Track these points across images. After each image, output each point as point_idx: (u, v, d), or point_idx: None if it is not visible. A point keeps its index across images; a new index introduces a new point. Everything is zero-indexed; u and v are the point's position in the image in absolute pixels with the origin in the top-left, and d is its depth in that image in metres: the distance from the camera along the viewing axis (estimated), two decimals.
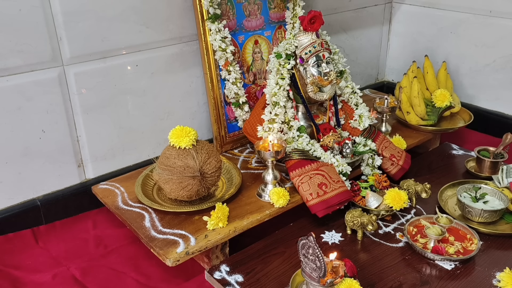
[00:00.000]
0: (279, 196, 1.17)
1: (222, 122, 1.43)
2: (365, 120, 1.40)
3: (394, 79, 2.10)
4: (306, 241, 0.88)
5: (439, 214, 1.15)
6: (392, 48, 2.08)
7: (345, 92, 1.43)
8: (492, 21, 1.72)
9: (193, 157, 1.10)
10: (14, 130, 1.18)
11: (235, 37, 1.43)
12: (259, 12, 1.47)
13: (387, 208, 1.22)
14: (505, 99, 1.76)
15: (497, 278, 1.03)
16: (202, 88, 1.47)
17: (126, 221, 1.14)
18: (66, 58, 1.21)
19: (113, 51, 1.27)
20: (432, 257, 1.08)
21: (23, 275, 1.11)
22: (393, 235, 1.17)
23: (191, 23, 1.38)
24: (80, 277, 1.10)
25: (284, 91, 1.28)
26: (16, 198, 1.24)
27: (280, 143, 1.21)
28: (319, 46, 1.27)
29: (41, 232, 1.25)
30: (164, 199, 1.20)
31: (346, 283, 0.92)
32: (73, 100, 1.25)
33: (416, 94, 1.62)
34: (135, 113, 1.37)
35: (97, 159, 1.33)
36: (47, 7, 1.14)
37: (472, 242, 1.12)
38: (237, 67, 1.41)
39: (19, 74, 1.15)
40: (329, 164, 1.25)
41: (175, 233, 1.08)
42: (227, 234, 1.09)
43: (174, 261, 1.01)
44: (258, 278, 1.03)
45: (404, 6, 1.99)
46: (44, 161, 1.25)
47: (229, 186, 1.25)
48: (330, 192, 1.18)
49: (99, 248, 1.21)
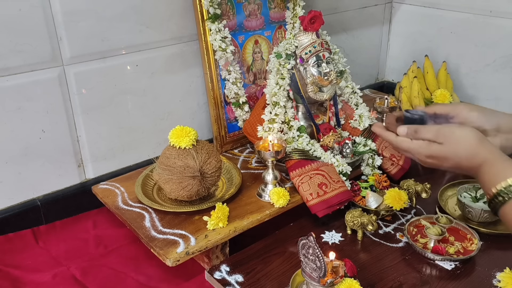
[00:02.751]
0: (279, 196, 1.17)
1: (222, 122, 1.43)
2: (365, 120, 1.40)
3: (394, 79, 2.10)
4: (306, 241, 0.88)
5: (439, 214, 1.15)
6: (392, 48, 2.09)
7: (345, 92, 1.43)
8: (492, 21, 1.72)
9: (193, 157, 1.10)
10: (14, 130, 1.18)
11: (235, 37, 1.43)
12: (259, 12, 1.47)
13: (387, 208, 1.22)
14: (505, 99, 1.76)
15: (497, 278, 1.03)
16: (202, 88, 1.47)
17: (126, 221, 1.14)
18: (66, 58, 1.21)
19: (113, 51, 1.27)
20: (432, 257, 1.08)
21: (23, 275, 1.10)
22: (393, 235, 1.17)
23: (191, 23, 1.38)
24: (80, 277, 1.10)
25: (284, 91, 1.28)
26: (16, 198, 1.24)
27: (280, 143, 1.21)
28: (319, 46, 1.27)
29: (41, 232, 1.25)
30: (164, 199, 1.20)
31: (346, 283, 0.92)
32: (73, 100, 1.25)
33: (416, 94, 1.62)
34: (135, 113, 1.37)
35: (97, 159, 1.33)
36: (47, 7, 1.14)
37: (472, 242, 1.12)
38: (237, 67, 1.41)
39: (19, 74, 1.15)
40: (329, 164, 1.25)
41: (175, 233, 1.08)
42: (227, 234, 1.09)
43: (174, 261, 1.01)
44: (258, 278, 1.03)
45: (404, 6, 1.99)
46: (44, 161, 1.25)
47: (229, 186, 1.25)
48: (330, 192, 1.18)
49: (99, 248, 1.21)
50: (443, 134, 0.83)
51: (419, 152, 0.87)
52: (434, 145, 0.85)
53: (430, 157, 0.87)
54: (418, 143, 0.87)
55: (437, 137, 0.84)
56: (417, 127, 0.88)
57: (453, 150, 0.82)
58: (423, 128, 0.87)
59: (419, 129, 0.87)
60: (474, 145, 0.80)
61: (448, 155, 0.83)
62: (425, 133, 0.86)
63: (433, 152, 0.85)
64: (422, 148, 0.86)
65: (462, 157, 0.81)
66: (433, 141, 0.85)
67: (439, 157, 0.85)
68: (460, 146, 0.81)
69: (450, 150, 0.83)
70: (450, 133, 0.83)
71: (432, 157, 0.86)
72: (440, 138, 0.84)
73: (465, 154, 0.81)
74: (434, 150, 0.85)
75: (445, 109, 0.91)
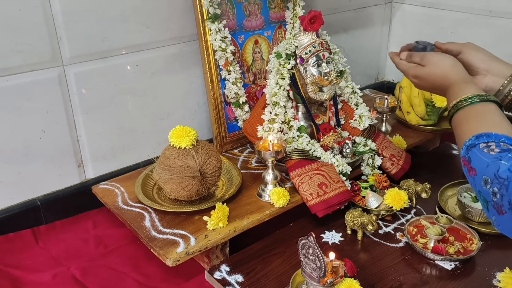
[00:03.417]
0: (279, 196, 1.17)
1: (222, 122, 1.43)
2: (365, 120, 1.40)
3: (394, 79, 2.10)
4: (306, 241, 0.88)
5: (439, 214, 1.15)
6: (392, 48, 2.08)
7: (345, 92, 1.43)
8: (492, 21, 1.72)
9: (193, 157, 1.10)
10: (14, 130, 1.18)
11: (235, 37, 1.43)
12: (259, 12, 1.47)
13: (387, 208, 1.22)
14: None
15: (497, 278, 1.03)
16: (202, 88, 1.47)
17: (126, 221, 1.14)
18: (66, 58, 1.21)
19: (113, 51, 1.27)
20: (432, 257, 1.08)
21: (23, 275, 1.11)
22: (393, 235, 1.17)
23: (191, 23, 1.38)
24: (80, 277, 1.10)
25: (284, 91, 1.28)
26: (16, 198, 1.24)
27: (280, 143, 1.21)
28: (319, 46, 1.27)
29: (41, 232, 1.25)
30: (164, 199, 1.20)
31: (346, 283, 0.92)
32: (73, 100, 1.25)
33: (416, 94, 1.62)
34: (135, 113, 1.37)
35: (97, 159, 1.33)
36: (47, 7, 1.14)
37: (472, 242, 1.12)
38: (237, 67, 1.41)
39: (19, 74, 1.15)
40: (329, 164, 1.25)
41: (175, 233, 1.08)
42: (227, 234, 1.09)
43: (174, 261, 1.01)
44: (258, 278, 1.03)
45: (404, 6, 1.99)
46: (44, 161, 1.25)
47: (229, 186, 1.25)
48: (330, 192, 1.18)
49: (99, 248, 1.21)
50: (427, 58, 1.00)
51: (408, 72, 1.04)
52: (419, 67, 1.02)
53: (415, 77, 1.03)
54: (409, 65, 1.05)
55: (422, 60, 1.01)
56: (412, 53, 1.05)
57: (430, 72, 0.99)
58: (415, 54, 1.04)
59: (413, 54, 1.05)
60: (447, 68, 0.96)
61: (426, 76, 1.00)
62: (414, 57, 1.04)
63: (418, 73, 1.02)
64: (411, 69, 1.04)
65: (438, 77, 0.97)
66: (419, 64, 1.02)
67: (421, 77, 1.01)
68: (435, 69, 0.98)
69: (428, 72, 0.99)
70: (431, 57, 1.00)
71: (416, 77, 1.03)
72: (423, 62, 1.01)
73: (439, 76, 0.97)
74: (418, 71, 1.02)
75: (455, 47, 1.06)
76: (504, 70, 0.99)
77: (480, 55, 1.02)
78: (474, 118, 0.83)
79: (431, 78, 0.99)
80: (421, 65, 1.01)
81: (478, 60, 1.01)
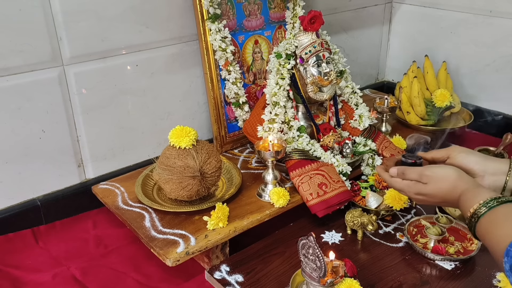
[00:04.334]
0: (279, 196, 1.17)
1: (222, 122, 1.43)
2: (365, 120, 1.40)
3: (394, 79, 2.10)
4: (306, 241, 0.88)
5: (439, 214, 1.15)
6: (392, 48, 2.09)
7: (345, 92, 1.43)
8: (492, 21, 1.72)
9: (193, 157, 1.10)
10: (14, 130, 1.18)
11: (235, 37, 1.43)
12: (259, 12, 1.47)
13: (387, 208, 1.22)
14: (505, 99, 1.76)
15: (497, 278, 1.03)
16: (202, 88, 1.47)
17: (126, 221, 1.14)
18: (66, 58, 1.21)
19: (113, 51, 1.27)
20: (432, 257, 1.08)
21: (23, 275, 1.10)
22: (393, 235, 1.17)
23: (191, 23, 1.38)
24: (80, 277, 1.10)
25: (284, 91, 1.28)
26: (16, 198, 1.24)
27: (280, 143, 1.21)
28: (319, 46, 1.27)
29: (41, 232, 1.25)
30: (164, 199, 1.20)
31: (346, 283, 0.92)
32: (73, 100, 1.25)
33: (416, 94, 1.62)
34: (135, 113, 1.37)
35: (97, 159, 1.33)
36: (47, 7, 1.14)
37: (472, 242, 1.12)
38: (237, 67, 1.41)
39: (19, 74, 1.15)
40: (329, 164, 1.25)
41: (175, 233, 1.08)
42: (227, 234, 1.09)
43: (174, 261, 1.01)
44: (258, 278, 1.03)
45: (404, 6, 1.99)
46: (44, 161, 1.25)
47: (229, 186, 1.25)
48: (330, 192, 1.18)
49: (99, 248, 1.21)
50: (426, 175, 0.93)
51: (409, 190, 0.97)
52: (420, 185, 0.94)
53: (419, 194, 0.95)
54: (406, 183, 0.97)
55: (421, 178, 0.94)
56: (405, 169, 0.98)
57: (437, 188, 0.92)
58: (409, 170, 0.97)
59: (406, 170, 0.97)
60: (453, 181, 0.90)
61: (433, 192, 0.93)
62: (410, 174, 0.96)
63: (421, 191, 0.94)
64: (410, 187, 0.96)
65: (446, 192, 0.91)
66: (418, 181, 0.94)
67: (427, 194, 0.94)
68: (442, 184, 0.91)
69: (434, 188, 0.92)
70: (432, 174, 0.93)
71: (420, 195, 0.95)
72: (423, 179, 0.93)
73: (447, 190, 0.90)
74: (422, 189, 0.94)
75: (441, 154, 1.00)
76: (502, 167, 0.94)
77: (472, 157, 0.97)
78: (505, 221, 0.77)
79: (439, 194, 0.92)
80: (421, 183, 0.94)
81: (472, 163, 0.96)
